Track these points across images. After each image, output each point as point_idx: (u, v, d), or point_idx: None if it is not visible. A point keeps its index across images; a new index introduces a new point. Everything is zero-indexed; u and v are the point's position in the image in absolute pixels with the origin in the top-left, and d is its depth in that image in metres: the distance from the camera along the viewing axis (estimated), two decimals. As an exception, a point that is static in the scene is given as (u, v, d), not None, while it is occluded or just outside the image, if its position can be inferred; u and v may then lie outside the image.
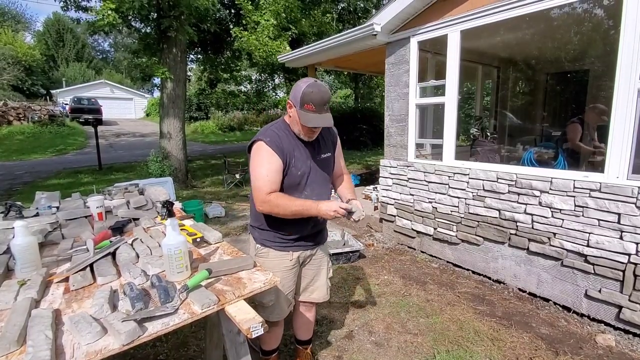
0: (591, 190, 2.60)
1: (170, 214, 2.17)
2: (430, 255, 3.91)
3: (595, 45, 5.47)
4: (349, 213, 1.58)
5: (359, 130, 14.73)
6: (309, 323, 2.10)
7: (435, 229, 3.81)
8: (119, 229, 2.00)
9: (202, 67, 10.59)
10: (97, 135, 10.31)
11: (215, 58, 9.90)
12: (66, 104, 23.15)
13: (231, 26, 8.47)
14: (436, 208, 3.78)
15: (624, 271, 2.46)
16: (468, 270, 3.54)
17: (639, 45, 2.31)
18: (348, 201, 1.75)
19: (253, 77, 13.45)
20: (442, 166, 3.68)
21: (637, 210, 2.38)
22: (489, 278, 3.36)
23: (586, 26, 5.28)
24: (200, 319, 1.19)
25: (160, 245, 1.68)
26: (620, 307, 2.50)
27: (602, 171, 2.58)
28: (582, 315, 2.72)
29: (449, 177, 3.61)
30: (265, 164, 1.58)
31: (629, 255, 2.43)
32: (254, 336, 1.10)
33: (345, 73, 14.38)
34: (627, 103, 2.40)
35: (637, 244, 2.39)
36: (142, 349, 2.33)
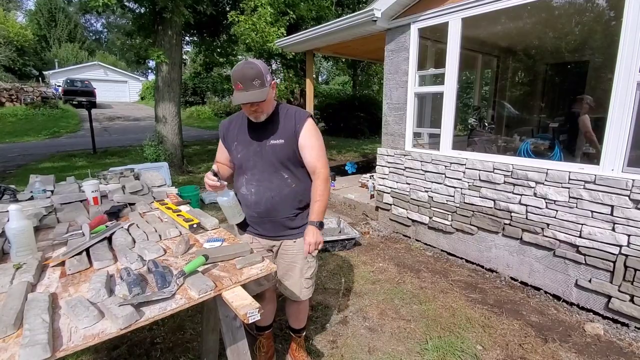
0: (586, 182, 2.62)
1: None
2: (425, 244, 3.95)
3: (595, 37, 5.44)
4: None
5: (357, 118, 14.67)
6: (296, 313, 2.05)
7: (430, 218, 3.84)
8: (115, 213, 1.99)
9: (197, 50, 10.36)
10: (91, 118, 10.15)
11: (212, 41, 9.69)
12: (59, 86, 22.70)
13: (228, 9, 8.28)
14: (432, 197, 3.80)
15: (614, 262, 2.51)
16: (462, 259, 3.59)
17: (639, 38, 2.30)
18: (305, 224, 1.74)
19: (250, 62, 13.26)
20: (439, 156, 3.69)
21: (630, 203, 2.41)
22: (482, 267, 3.41)
23: (587, 16, 5.23)
24: (197, 304, 1.19)
25: (156, 231, 1.69)
26: (609, 297, 2.55)
27: (597, 163, 2.60)
28: (571, 304, 2.79)
29: (446, 166, 3.61)
30: (220, 146, 1.86)
31: (620, 246, 2.47)
32: (250, 321, 1.11)
33: (344, 60, 14.20)
34: (626, 96, 2.39)
35: (628, 235, 2.43)
36: (139, 333, 2.35)
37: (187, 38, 10.05)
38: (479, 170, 3.33)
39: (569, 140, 4.33)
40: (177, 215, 1.84)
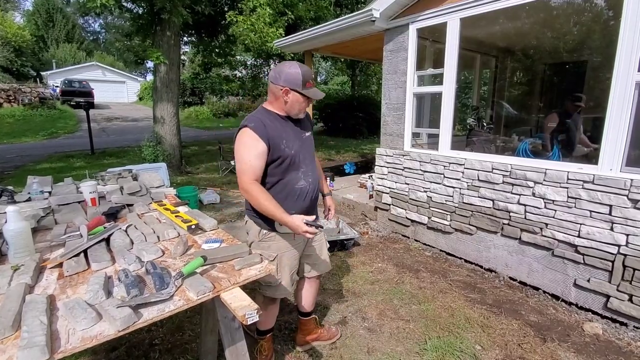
0: (584, 182, 2.62)
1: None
2: (424, 244, 3.95)
3: (594, 37, 5.45)
4: (317, 227, 1.65)
5: (355, 118, 14.66)
6: (314, 295, 2.23)
7: (429, 218, 3.84)
8: (112, 214, 1.98)
9: (195, 50, 10.35)
10: (88, 118, 10.13)
11: (210, 42, 9.68)
12: (57, 87, 22.66)
13: (226, 9, 8.27)
14: (431, 197, 3.80)
15: (613, 262, 2.51)
16: (461, 259, 3.59)
17: (638, 38, 2.30)
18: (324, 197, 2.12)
19: (248, 63, 13.23)
20: (437, 156, 3.69)
21: (629, 203, 2.41)
22: (481, 267, 3.41)
23: (586, 16, 5.24)
24: (196, 305, 1.19)
25: (154, 232, 1.68)
26: (608, 297, 2.56)
27: (595, 163, 2.60)
28: (570, 303, 2.79)
29: (445, 166, 3.61)
30: (249, 149, 1.64)
31: (619, 246, 2.48)
32: (249, 323, 1.10)
33: (342, 60, 14.21)
34: (624, 95, 2.40)
35: (627, 235, 2.43)
36: (138, 334, 2.35)
37: (185, 38, 10.05)
38: (478, 170, 3.33)
39: (567, 140, 4.33)
40: (176, 216, 1.84)
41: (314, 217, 1.66)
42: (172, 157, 7.57)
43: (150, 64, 8.54)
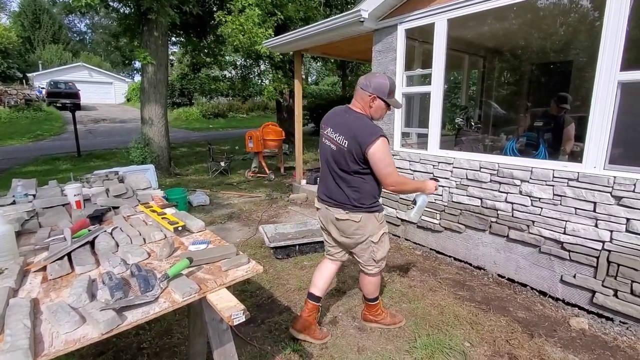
0: (569, 179, 2.67)
1: None
2: (414, 243, 3.97)
3: (579, 37, 5.55)
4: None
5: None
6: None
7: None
8: (97, 217, 1.95)
9: (184, 51, 10.25)
10: (75, 120, 9.97)
11: (199, 42, 9.61)
12: (43, 88, 22.25)
13: (215, 9, 8.22)
14: (420, 196, 3.82)
15: (598, 258, 2.56)
16: (450, 257, 3.62)
17: (621, 38, 2.35)
18: None
19: (238, 63, 13.15)
20: (427, 155, 3.71)
21: (612, 199, 2.46)
22: (470, 264, 3.44)
23: (572, 17, 5.34)
24: (183, 308, 1.18)
25: (140, 234, 1.66)
26: (593, 292, 2.61)
27: (580, 161, 2.65)
28: (557, 299, 2.83)
29: (434, 166, 3.64)
30: (389, 154, 2.03)
31: (603, 242, 2.53)
32: (235, 324, 1.09)
33: (333, 60, 14.23)
34: (607, 95, 2.45)
35: (611, 231, 2.48)
36: (125, 338, 2.31)
37: (173, 38, 9.95)
38: (466, 169, 3.37)
39: (554, 139, 4.40)
40: (162, 218, 1.82)
41: None
42: (160, 159, 7.48)
43: (137, 65, 8.46)
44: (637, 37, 4.44)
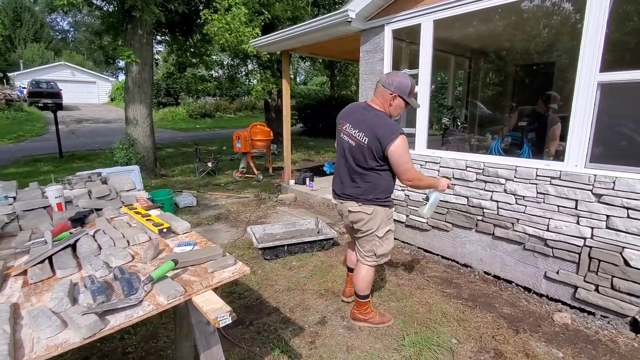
0: (552, 178, 2.73)
1: None
2: (402, 242, 4.00)
3: (562, 39, 5.68)
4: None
5: (335, 118, 14.67)
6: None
7: (407, 216, 3.90)
8: (79, 219, 1.91)
9: (169, 50, 10.08)
10: (56, 121, 9.72)
11: (185, 41, 9.47)
12: (24, 88, 21.62)
13: (201, 7, 8.12)
14: (408, 196, 3.86)
15: (579, 254, 2.63)
16: (438, 255, 3.66)
17: (600, 40, 2.41)
18: None
19: (225, 62, 13.03)
20: (414, 154, 3.74)
21: (593, 197, 2.53)
22: (457, 262, 3.49)
23: (555, 19, 5.46)
24: (169, 310, 1.16)
25: (124, 237, 1.62)
26: (576, 287, 2.67)
27: (562, 160, 2.71)
28: (541, 295, 2.89)
29: (421, 165, 3.68)
30: (408, 150, 2.10)
31: (585, 239, 2.59)
32: (221, 325, 1.08)
33: (321, 60, 14.24)
34: (587, 95, 2.51)
35: (592, 228, 2.55)
36: (109, 342, 2.26)
37: (158, 37, 9.79)
38: (453, 168, 3.41)
39: (537, 138, 4.50)
40: (147, 219, 1.78)
41: None
42: (145, 160, 7.35)
43: (121, 64, 8.29)
44: (616, 40, 4.59)
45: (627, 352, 2.23)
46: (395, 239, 4.08)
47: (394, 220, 4.00)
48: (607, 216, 2.47)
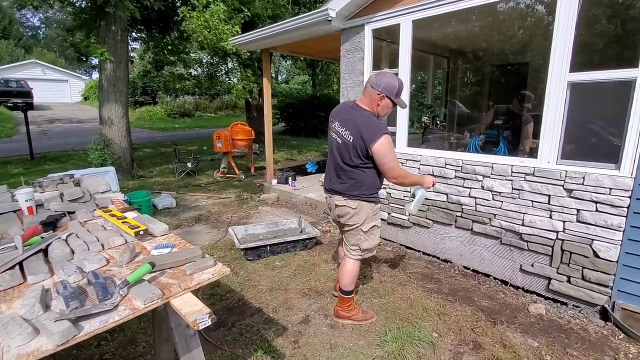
0: (526, 174, 2.82)
1: None
2: (385, 239, 4.05)
3: (535, 40, 5.87)
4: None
5: (317, 117, 14.72)
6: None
7: (389, 213, 3.95)
8: (51, 223, 1.84)
9: (145, 47, 9.80)
10: (27, 121, 9.30)
11: (162, 38, 9.24)
12: (-8, 87, 20.55)
13: (178, 4, 7.95)
14: (390, 194, 3.90)
15: (552, 247, 2.73)
16: (419, 251, 3.73)
17: (569, 42, 2.51)
18: None
19: (204, 61, 12.77)
20: (395, 153, 3.78)
21: (564, 192, 2.63)
22: (438, 258, 3.56)
23: (529, 21, 5.64)
24: (147, 314, 1.13)
25: (98, 240, 1.57)
26: (549, 279, 2.78)
27: (535, 157, 2.81)
28: (517, 287, 2.99)
29: (402, 163, 3.72)
30: (392, 149, 2.17)
31: (557, 232, 2.70)
32: (201, 328, 1.06)
33: (302, 59, 14.19)
34: (558, 94, 2.61)
35: (564, 222, 2.65)
36: (86, 349, 2.18)
37: (134, 34, 9.51)
38: (432, 166, 3.48)
39: (512, 136, 4.64)
40: (123, 222, 1.73)
41: None
42: (122, 161, 7.14)
43: (95, 61, 8.02)
44: (586, 42, 4.79)
45: (597, 340, 2.33)
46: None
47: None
48: (578, 210, 2.58)
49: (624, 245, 2.41)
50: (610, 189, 2.41)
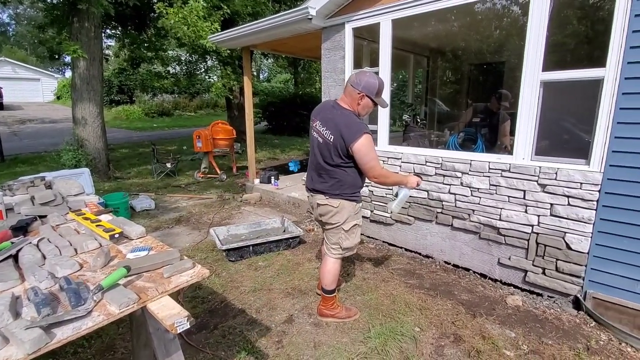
0: (502, 170, 2.90)
1: None
2: (368, 237, 4.08)
3: (511, 40, 6.04)
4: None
5: (300, 116, 14.68)
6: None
7: (372, 211, 3.98)
8: (22, 228, 1.77)
9: (120, 44, 9.48)
10: (-5, 121, 8.87)
11: (138, 35, 8.98)
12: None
13: (155, 0, 7.73)
14: (372, 191, 3.93)
15: (528, 240, 2.82)
16: (401, 248, 3.78)
17: (542, 42, 2.59)
18: None
19: (183, 58, 12.49)
20: (376, 151, 3.81)
21: (538, 187, 2.72)
22: (420, 254, 3.62)
23: (505, 21, 5.79)
24: (125, 320, 1.10)
25: (71, 244, 1.52)
26: (526, 272, 2.87)
27: (511, 153, 2.89)
28: (495, 280, 3.08)
29: (384, 161, 3.76)
30: (373, 148, 2.17)
31: (532, 226, 2.79)
32: (179, 331, 1.04)
33: (284, 57, 14.11)
34: (532, 93, 2.69)
35: (538, 216, 2.75)
36: (62, 357, 2.10)
37: (108, 31, 9.20)
38: (413, 163, 3.53)
39: (490, 133, 4.76)
40: (97, 225, 1.68)
41: None
42: (97, 162, 6.91)
43: (68, 59, 7.73)
44: (559, 42, 4.96)
45: (570, 328, 2.43)
46: (361, 234, 4.15)
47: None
48: (551, 204, 2.67)
49: (595, 237, 2.52)
50: (581, 183, 2.51)
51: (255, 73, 25.95)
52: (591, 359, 2.13)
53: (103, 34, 7.59)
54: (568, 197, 2.58)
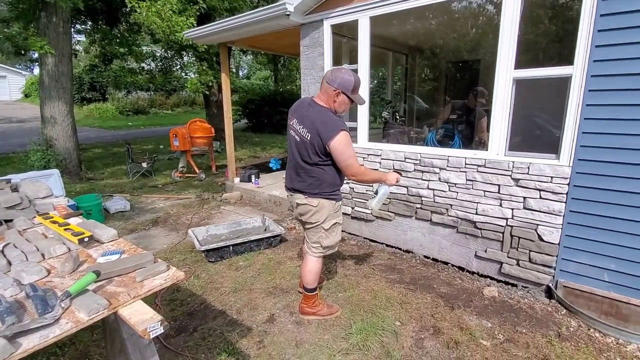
0: (478, 165, 2.97)
1: None
2: (349, 234, 4.10)
3: (486, 38, 6.18)
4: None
5: (280, 114, 14.58)
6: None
7: (352, 208, 4.00)
8: (-17, 233, 1.66)
9: (91, 39, 9.11)
10: (-45, 120, 8.36)
11: (109, 30, 8.65)
12: None
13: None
14: (353, 188, 3.95)
15: (503, 233, 2.91)
16: (382, 244, 3.82)
17: (514, 41, 2.66)
18: None
19: (157, 54, 12.13)
20: (356, 148, 3.83)
21: (512, 182, 2.80)
22: (400, 249, 3.67)
23: (481, 20, 5.92)
24: (99, 326, 1.05)
25: (38, 250, 1.45)
26: (501, 263, 2.96)
27: (486, 149, 2.96)
28: (473, 273, 3.16)
29: (364, 158, 3.78)
30: (350, 145, 2.14)
31: (507, 219, 2.87)
32: (152, 336, 1.01)
33: (263, 53, 13.96)
34: (505, 90, 2.76)
35: (512, 209, 2.83)
36: (31, 369, 2.01)
37: (77, 26, 8.82)
38: (393, 160, 3.56)
39: (466, 130, 4.88)
40: (65, 229, 1.60)
41: None
42: (67, 162, 6.63)
43: (35, 55, 7.37)
44: (531, 40, 5.12)
45: (543, 317, 2.52)
46: (342, 231, 4.17)
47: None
48: (524, 198, 2.76)
49: (565, 228, 2.62)
50: (552, 177, 2.60)
51: (234, 70, 25.52)
52: (562, 345, 2.22)
53: (72, 29, 7.25)
54: (540, 190, 2.67)
